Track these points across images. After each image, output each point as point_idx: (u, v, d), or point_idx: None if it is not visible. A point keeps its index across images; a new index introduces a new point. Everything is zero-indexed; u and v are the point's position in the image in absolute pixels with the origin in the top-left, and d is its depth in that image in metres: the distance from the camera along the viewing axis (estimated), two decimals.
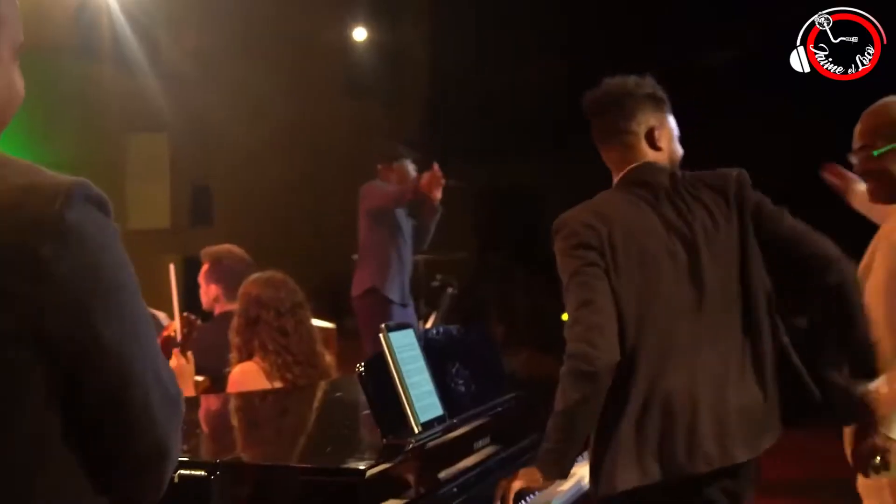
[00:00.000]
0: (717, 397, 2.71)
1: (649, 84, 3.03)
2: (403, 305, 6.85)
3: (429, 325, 6.80)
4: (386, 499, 2.49)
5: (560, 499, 3.16)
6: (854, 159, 3.30)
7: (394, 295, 6.77)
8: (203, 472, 2.46)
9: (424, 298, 7.01)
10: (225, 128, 13.85)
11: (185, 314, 4.18)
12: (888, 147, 3.14)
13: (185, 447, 2.68)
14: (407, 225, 7.06)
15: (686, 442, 2.66)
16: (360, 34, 17.62)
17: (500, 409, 3.21)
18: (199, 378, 4.10)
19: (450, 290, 7.29)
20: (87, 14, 12.06)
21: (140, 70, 12.71)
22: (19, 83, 1.48)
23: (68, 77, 11.66)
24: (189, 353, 3.90)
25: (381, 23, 17.97)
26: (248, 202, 14.00)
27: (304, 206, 14.89)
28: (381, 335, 2.82)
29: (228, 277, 4.61)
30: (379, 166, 7.20)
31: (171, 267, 4.02)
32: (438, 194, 6.76)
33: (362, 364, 2.74)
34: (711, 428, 2.68)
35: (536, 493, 3.06)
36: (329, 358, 3.77)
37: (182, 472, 2.41)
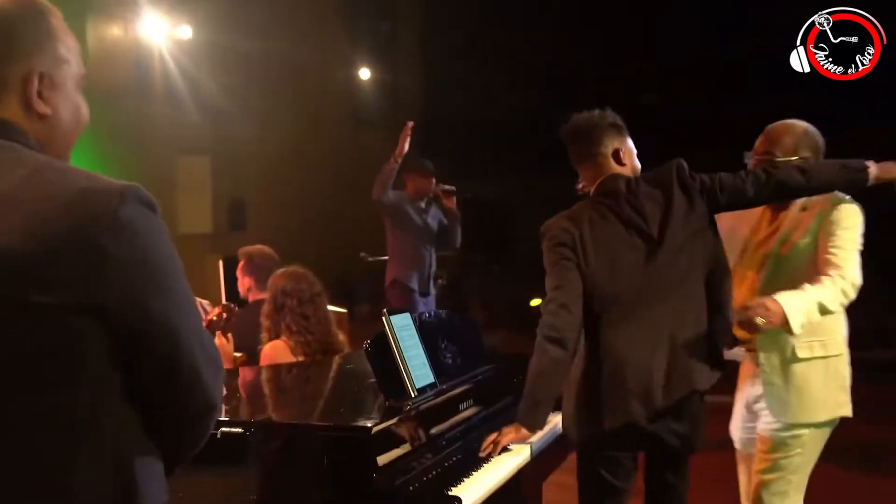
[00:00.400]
0: (665, 354, 2.86)
1: (610, 115, 3.14)
2: (424, 294, 6.71)
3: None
4: (389, 450, 2.48)
5: (537, 443, 3.18)
6: (752, 160, 3.29)
7: (413, 285, 6.63)
8: (240, 430, 2.46)
9: None
10: (256, 151, 13.84)
11: (224, 303, 4.19)
12: (786, 159, 3.15)
13: (226, 408, 2.70)
14: (425, 223, 6.80)
15: (656, 387, 2.83)
16: (364, 74, 17.63)
17: (480, 377, 3.22)
18: (238, 354, 4.09)
19: (440, 281, 7.27)
20: (143, 60, 12.04)
21: (186, 105, 12.68)
22: (84, 109, 1.50)
23: (128, 111, 11.63)
24: (229, 335, 3.92)
25: (382, 64, 17.98)
26: (275, 211, 13.99)
27: (320, 214, 14.90)
28: (383, 318, 2.83)
29: (259, 271, 4.62)
30: (403, 175, 6.91)
31: (220, 263, 4.01)
32: (452, 203, 6.76)
33: (368, 342, 2.75)
34: (665, 376, 2.84)
35: (512, 443, 3.11)
36: (342, 336, 3.78)
37: (223, 429, 2.41)
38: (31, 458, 1.27)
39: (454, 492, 2.46)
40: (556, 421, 3.34)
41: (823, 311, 2.92)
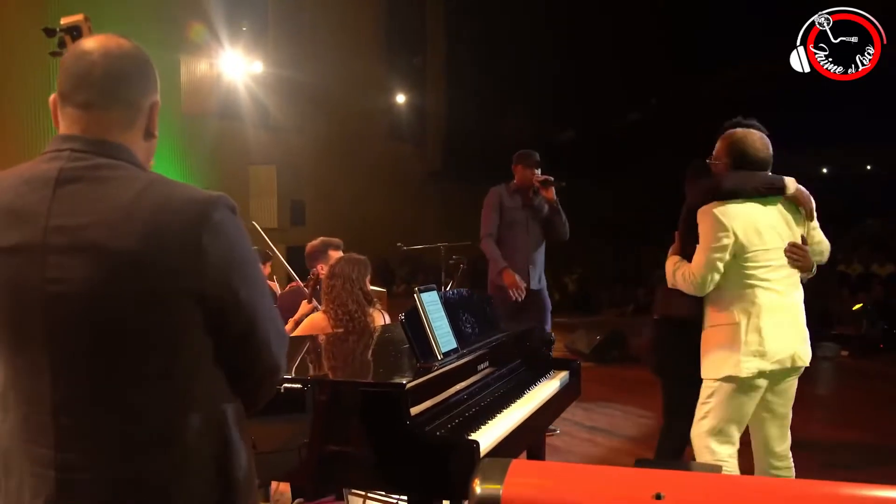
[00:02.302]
0: None
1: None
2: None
3: (447, 288, 6.67)
4: (420, 402, 2.46)
5: (558, 384, 3.28)
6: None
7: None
8: (300, 386, 2.45)
9: (444, 271, 6.85)
10: (312, 162, 13.91)
11: (315, 270, 4.19)
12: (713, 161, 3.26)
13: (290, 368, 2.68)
14: (526, 219, 5.43)
15: None
16: (399, 98, 17.70)
17: (494, 343, 3.17)
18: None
19: (462, 265, 7.17)
20: (222, 88, 12.13)
21: (257, 125, 12.75)
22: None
23: (211, 131, 11.73)
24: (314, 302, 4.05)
25: (413, 91, 18.04)
26: (328, 209, 14.08)
27: (364, 211, 15.00)
28: (415, 295, 2.80)
29: (309, 260, 4.56)
30: (513, 165, 5.55)
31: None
32: (550, 194, 5.30)
33: (403, 314, 2.72)
34: None
35: (542, 380, 3.26)
36: (375, 315, 3.62)
37: (287, 385, 2.40)
38: (148, 412, 1.32)
39: (473, 436, 2.43)
40: (546, 386, 3.33)
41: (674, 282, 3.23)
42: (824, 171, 21.45)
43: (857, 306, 9.56)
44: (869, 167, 20.87)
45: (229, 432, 1.40)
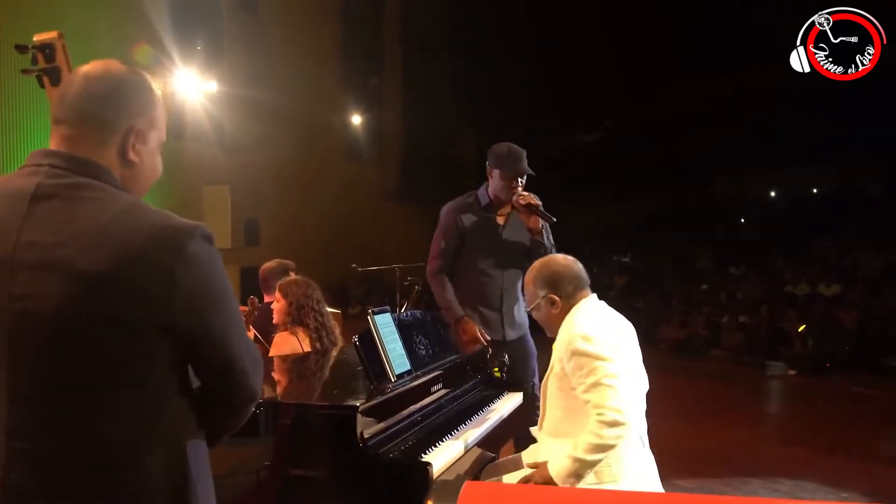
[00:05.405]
0: None
1: None
2: (497, 340, 3.89)
3: (402, 310, 6.64)
4: (373, 424, 2.46)
5: (511, 406, 3.30)
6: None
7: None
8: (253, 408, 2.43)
9: (400, 292, 6.83)
10: (267, 182, 13.82)
11: (251, 297, 4.17)
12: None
13: None
14: (495, 246, 3.93)
15: None
16: (355, 119, 17.75)
17: (447, 365, 3.20)
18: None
19: (417, 287, 7.14)
20: (177, 109, 12.01)
21: (211, 144, 12.65)
22: (160, 165, 1.53)
23: (165, 150, 11.52)
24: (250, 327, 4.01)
25: (369, 111, 18.11)
26: (283, 229, 14.00)
27: (319, 231, 14.95)
28: (368, 317, 2.81)
29: (266, 282, 4.49)
30: (495, 169, 3.93)
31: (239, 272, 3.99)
32: (535, 223, 3.78)
33: (357, 336, 2.73)
34: None
35: (496, 402, 3.21)
36: (338, 330, 3.73)
37: None
38: (108, 440, 1.29)
39: (426, 458, 2.44)
40: (499, 408, 3.30)
41: None
42: (772, 193, 22.03)
43: (801, 327, 9.81)
44: (815, 190, 21.50)
45: (190, 467, 1.37)
